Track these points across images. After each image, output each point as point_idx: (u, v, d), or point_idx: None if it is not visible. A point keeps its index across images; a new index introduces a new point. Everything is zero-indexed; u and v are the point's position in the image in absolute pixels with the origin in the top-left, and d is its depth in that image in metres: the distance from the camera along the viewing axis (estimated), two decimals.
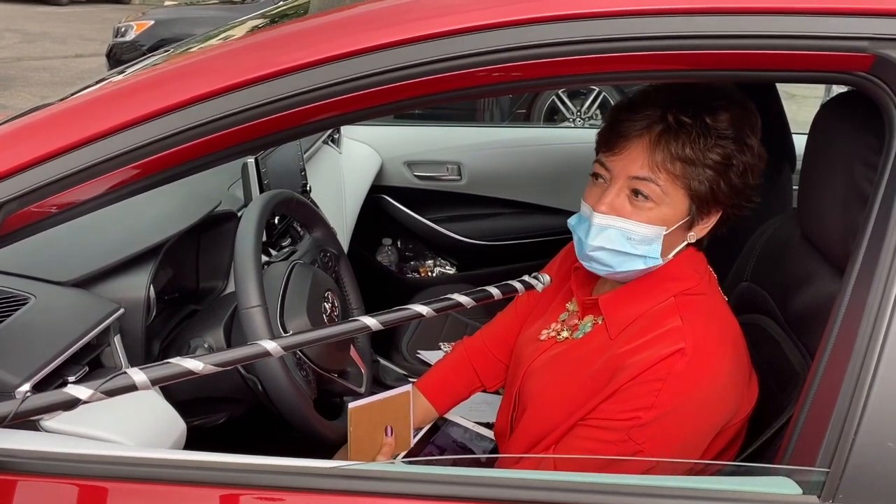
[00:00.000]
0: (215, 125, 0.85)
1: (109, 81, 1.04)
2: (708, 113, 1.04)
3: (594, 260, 1.09)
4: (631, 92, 1.15)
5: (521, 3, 0.83)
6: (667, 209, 1.06)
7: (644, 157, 1.04)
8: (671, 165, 1.04)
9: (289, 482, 0.85)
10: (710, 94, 1.07)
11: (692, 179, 1.04)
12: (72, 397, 0.78)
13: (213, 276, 1.62)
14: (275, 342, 0.83)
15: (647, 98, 1.08)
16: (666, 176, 1.04)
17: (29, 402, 0.78)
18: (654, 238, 1.06)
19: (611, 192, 1.06)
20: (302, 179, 1.97)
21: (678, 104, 1.05)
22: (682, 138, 1.03)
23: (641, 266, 1.08)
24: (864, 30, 0.80)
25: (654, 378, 1.02)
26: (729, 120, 1.05)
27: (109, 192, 0.89)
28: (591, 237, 1.07)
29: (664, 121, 1.04)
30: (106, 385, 0.77)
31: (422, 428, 1.40)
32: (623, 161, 1.06)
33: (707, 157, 1.04)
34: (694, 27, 0.82)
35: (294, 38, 0.91)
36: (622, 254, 1.06)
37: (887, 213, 0.80)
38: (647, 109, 1.05)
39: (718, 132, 1.04)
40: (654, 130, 1.04)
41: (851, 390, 0.78)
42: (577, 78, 0.90)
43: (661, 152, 1.04)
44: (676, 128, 1.03)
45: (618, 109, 1.10)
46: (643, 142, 1.05)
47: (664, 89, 1.08)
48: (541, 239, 2.70)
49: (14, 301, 1.14)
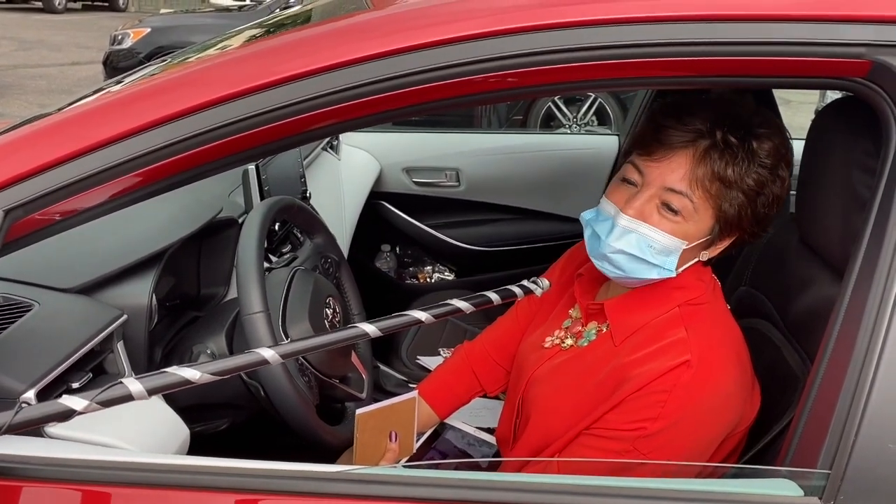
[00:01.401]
0: (216, 134, 0.85)
1: (109, 91, 1.05)
2: (755, 138, 1.03)
3: (610, 261, 1.08)
4: (629, 99, 1.15)
5: (519, 11, 0.84)
6: (692, 226, 1.05)
7: (685, 170, 1.03)
8: (709, 183, 1.02)
9: (293, 486, 0.85)
10: (755, 117, 1.06)
11: (724, 201, 1.03)
12: (67, 408, 0.78)
13: (214, 282, 1.62)
14: (272, 350, 0.83)
15: (692, 109, 1.05)
16: (701, 193, 1.03)
17: (24, 413, 0.78)
18: (673, 250, 1.05)
19: (641, 197, 1.05)
20: (302, 186, 1.98)
21: (728, 122, 1.03)
22: (727, 158, 1.02)
23: (654, 276, 1.07)
24: (860, 36, 0.81)
25: (659, 389, 1.02)
26: (771, 149, 1.04)
27: (112, 200, 0.90)
28: (612, 237, 1.06)
29: (712, 136, 1.02)
30: (101, 396, 0.77)
31: (423, 433, 1.40)
32: (661, 169, 1.04)
33: (744, 182, 1.03)
34: (691, 34, 0.82)
35: (293, 46, 0.92)
36: (639, 260, 1.05)
37: (885, 216, 0.81)
38: (696, 122, 1.03)
39: (761, 159, 1.03)
40: (700, 145, 1.03)
41: (852, 392, 0.78)
42: (575, 85, 0.91)
43: (703, 168, 1.02)
44: (723, 146, 1.02)
45: (662, 115, 1.07)
46: (687, 154, 1.03)
47: (711, 103, 1.06)
48: (539, 244, 2.71)
49: (18, 308, 1.15)
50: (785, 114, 1.91)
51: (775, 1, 0.83)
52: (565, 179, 2.65)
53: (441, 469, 1.03)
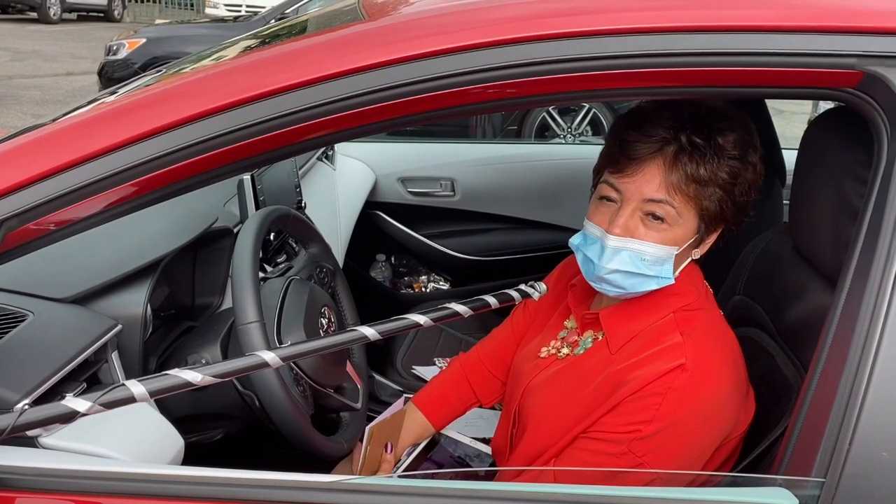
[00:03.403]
0: (211, 144, 0.86)
1: (104, 101, 1.05)
2: (718, 134, 1.05)
3: (608, 282, 1.08)
4: (622, 109, 1.16)
5: (516, 21, 0.85)
6: (679, 230, 1.06)
7: (659, 179, 1.04)
8: (686, 187, 1.04)
9: (288, 496, 0.85)
10: (713, 114, 1.07)
11: (704, 199, 1.05)
12: (70, 410, 0.78)
13: (209, 292, 1.62)
14: (272, 352, 0.84)
15: (652, 117, 1.07)
16: (681, 197, 1.04)
17: (27, 415, 0.79)
18: (666, 258, 1.06)
19: (624, 213, 1.06)
20: (297, 196, 1.98)
21: (688, 124, 1.05)
22: (697, 159, 1.03)
23: (654, 287, 1.08)
24: (852, 47, 0.82)
25: (654, 392, 1.03)
26: (736, 140, 1.06)
27: (107, 210, 0.90)
28: (604, 259, 1.06)
29: (677, 142, 1.04)
30: (104, 397, 0.78)
31: (419, 444, 1.40)
32: (637, 183, 1.05)
33: (718, 177, 1.04)
34: (685, 45, 0.83)
35: (288, 57, 0.92)
36: (636, 275, 1.06)
37: (877, 225, 0.82)
38: (658, 130, 1.04)
39: (728, 152, 1.05)
40: (667, 152, 1.04)
41: (846, 400, 0.79)
42: (569, 95, 0.91)
43: (677, 173, 1.03)
44: (690, 149, 1.03)
45: (624, 129, 1.08)
46: (658, 163, 1.04)
47: (666, 108, 1.08)
48: (534, 254, 2.72)
49: (12, 318, 1.15)
50: (778, 124, 1.92)
51: (768, 12, 0.84)
52: (560, 189, 2.66)
53: (437, 479, 1.03)
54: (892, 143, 0.82)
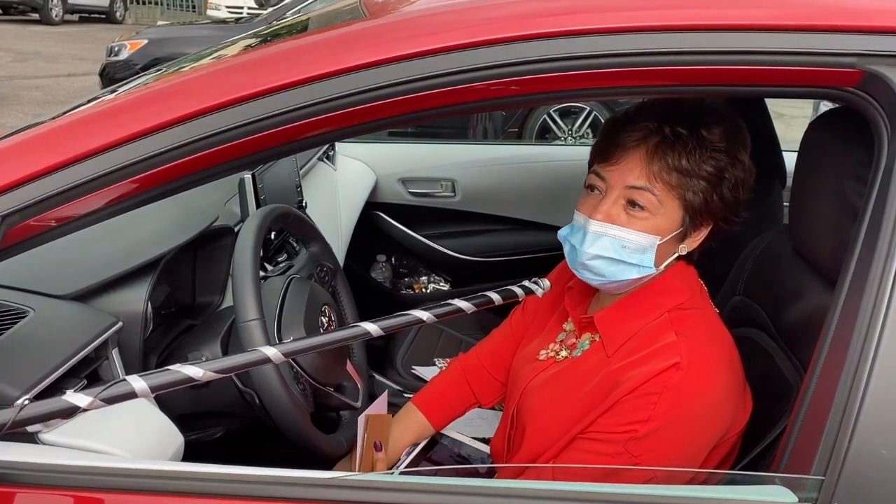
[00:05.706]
0: (211, 141, 0.86)
1: (104, 99, 1.05)
2: (703, 127, 1.07)
3: (588, 269, 1.10)
4: (621, 110, 1.17)
5: (516, 20, 0.85)
6: (661, 219, 1.07)
7: (641, 167, 1.06)
8: (667, 175, 1.05)
9: (289, 493, 0.85)
10: (702, 109, 1.09)
11: (687, 190, 1.06)
12: (71, 405, 0.78)
13: (209, 290, 1.62)
14: (275, 348, 0.84)
15: (642, 111, 1.10)
16: (662, 186, 1.06)
17: (28, 410, 0.79)
18: (648, 247, 1.07)
19: (607, 201, 1.08)
20: (298, 195, 1.98)
21: (674, 117, 1.07)
22: (679, 149, 1.05)
23: (635, 275, 1.09)
24: (852, 46, 0.82)
25: (650, 392, 1.03)
26: (721, 134, 1.07)
27: (108, 206, 0.90)
28: (586, 244, 1.08)
29: (661, 132, 1.06)
30: (105, 393, 0.78)
31: (418, 443, 1.40)
32: (620, 171, 1.07)
33: (702, 169, 1.06)
34: (685, 43, 0.83)
35: (289, 54, 0.92)
36: (616, 262, 1.07)
37: (876, 225, 0.82)
38: (644, 121, 1.07)
39: (713, 145, 1.06)
40: (650, 141, 1.06)
41: (845, 399, 0.79)
42: (570, 93, 0.91)
43: (658, 162, 1.05)
44: (673, 139, 1.05)
45: (613, 122, 1.12)
46: (640, 152, 1.06)
47: (658, 103, 1.10)
48: (534, 255, 2.72)
49: (13, 314, 1.15)
50: (779, 127, 1.92)
51: (767, 10, 0.84)
52: (560, 190, 2.65)
53: (438, 476, 1.03)
54: (892, 142, 0.82)
